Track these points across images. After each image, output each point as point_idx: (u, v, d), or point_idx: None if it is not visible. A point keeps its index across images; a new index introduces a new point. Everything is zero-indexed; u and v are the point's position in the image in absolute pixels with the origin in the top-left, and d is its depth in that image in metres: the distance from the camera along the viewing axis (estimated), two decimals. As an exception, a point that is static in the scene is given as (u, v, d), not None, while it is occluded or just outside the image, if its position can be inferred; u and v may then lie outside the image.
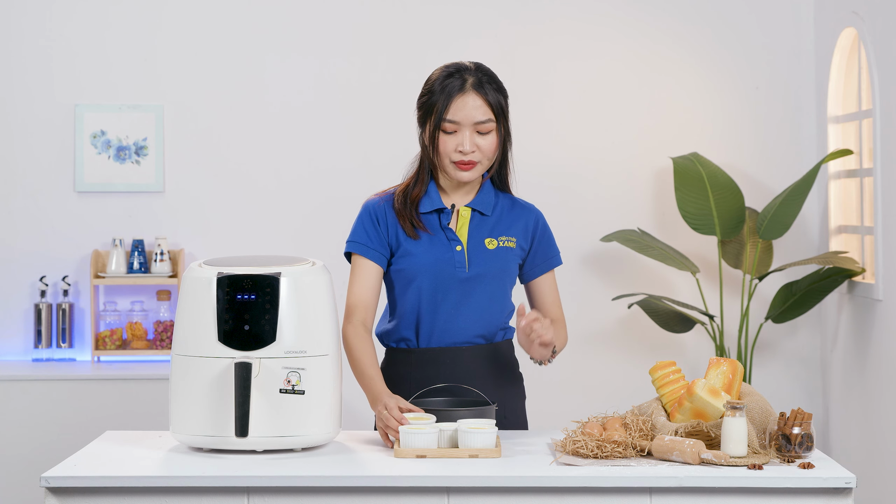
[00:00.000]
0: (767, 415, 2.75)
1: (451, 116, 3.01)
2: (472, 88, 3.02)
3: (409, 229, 3.06)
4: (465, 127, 3.01)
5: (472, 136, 3.02)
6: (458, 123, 3.01)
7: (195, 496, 2.58)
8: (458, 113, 3.01)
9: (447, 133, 3.02)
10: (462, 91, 3.01)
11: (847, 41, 5.06)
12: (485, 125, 3.02)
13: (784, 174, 5.30)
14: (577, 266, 5.30)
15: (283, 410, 2.72)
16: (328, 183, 5.29)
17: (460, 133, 3.02)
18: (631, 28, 5.34)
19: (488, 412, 2.87)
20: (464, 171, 3.03)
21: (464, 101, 3.01)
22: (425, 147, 3.07)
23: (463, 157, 3.02)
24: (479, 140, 3.02)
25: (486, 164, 3.06)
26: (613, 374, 5.30)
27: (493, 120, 3.03)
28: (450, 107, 3.01)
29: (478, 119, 3.01)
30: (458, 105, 3.01)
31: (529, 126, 5.29)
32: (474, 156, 3.02)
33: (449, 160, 3.03)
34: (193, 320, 2.75)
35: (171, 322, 5.22)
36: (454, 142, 3.02)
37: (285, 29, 5.30)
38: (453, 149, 3.02)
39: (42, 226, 5.27)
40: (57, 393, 4.89)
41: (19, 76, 5.26)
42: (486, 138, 3.03)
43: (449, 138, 3.02)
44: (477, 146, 3.02)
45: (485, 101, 3.02)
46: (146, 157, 5.28)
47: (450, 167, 3.04)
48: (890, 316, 4.58)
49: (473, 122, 3.01)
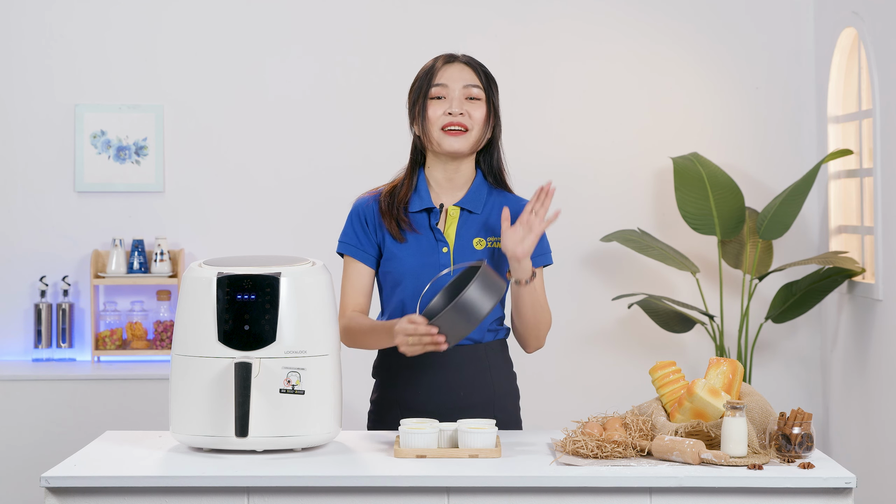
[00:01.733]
0: (767, 415, 2.75)
1: (439, 80, 3.01)
2: (462, 62, 3.04)
3: (394, 231, 3.05)
4: (454, 90, 3.01)
5: (462, 101, 3.01)
6: (445, 87, 3.01)
7: (195, 496, 2.58)
8: (446, 76, 3.01)
9: (435, 99, 3.01)
10: (450, 62, 3.04)
11: (847, 41, 5.06)
12: (473, 90, 3.01)
13: (784, 174, 5.30)
14: (577, 266, 5.30)
15: (283, 410, 2.72)
16: (328, 182, 5.29)
17: (449, 98, 3.01)
18: (631, 28, 5.34)
19: (488, 270, 2.82)
20: (454, 138, 3.00)
21: (452, 67, 3.03)
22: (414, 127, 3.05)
23: (452, 120, 2.99)
24: (468, 106, 3.01)
25: (476, 136, 3.02)
26: (613, 374, 5.30)
27: (482, 89, 3.02)
28: (437, 74, 3.02)
29: (467, 82, 3.01)
30: (447, 71, 3.02)
31: (529, 126, 5.29)
32: (463, 119, 3.00)
33: (438, 128, 3.01)
34: (193, 320, 2.75)
35: (171, 322, 5.22)
36: (442, 107, 3.01)
37: (285, 29, 5.30)
38: (442, 113, 3.00)
39: (42, 226, 5.27)
40: (57, 393, 4.89)
41: (19, 76, 5.26)
42: (475, 106, 3.02)
43: (437, 104, 3.01)
44: (467, 112, 3.00)
45: (474, 72, 3.03)
46: (146, 157, 5.28)
47: (439, 136, 3.01)
48: (890, 316, 4.58)
49: (462, 84, 3.01)
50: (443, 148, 3.02)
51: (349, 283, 3.09)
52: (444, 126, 3.00)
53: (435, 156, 3.07)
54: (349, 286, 3.08)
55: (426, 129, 3.02)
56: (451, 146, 3.01)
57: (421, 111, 3.02)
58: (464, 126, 3.00)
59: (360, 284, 3.08)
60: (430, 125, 3.01)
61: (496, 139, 3.10)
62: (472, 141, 3.02)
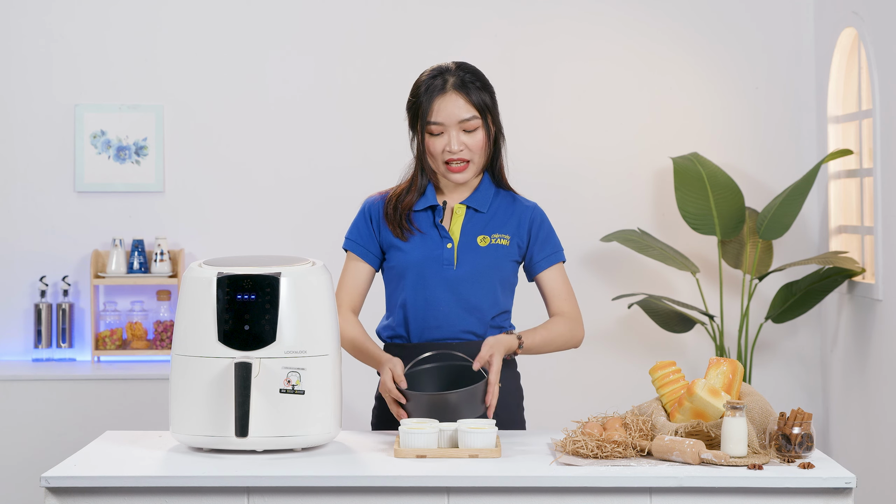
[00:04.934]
0: (767, 415, 2.75)
1: (435, 118, 3.05)
2: (454, 89, 3.05)
3: (398, 234, 3.10)
4: (451, 127, 3.04)
5: (459, 134, 3.04)
6: (442, 125, 3.05)
7: (195, 496, 2.58)
8: (441, 114, 3.04)
9: (434, 135, 3.06)
10: (443, 92, 3.05)
11: (847, 41, 5.06)
12: (469, 123, 3.04)
13: (784, 174, 5.30)
14: (577, 266, 5.30)
15: (283, 410, 2.72)
16: (328, 182, 5.30)
17: (446, 133, 3.05)
18: (631, 28, 5.34)
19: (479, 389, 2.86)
20: (456, 174, 3.07)
21: (445, 101, 3.04)
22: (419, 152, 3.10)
23: (452, 157, 3.04)
24: (465, 139, 3.05)
25: (479, 162, 3.08)
26: (613, 374, 5.30)
27: (478, 117, 3.05)
28: (432, 109, 3.05)
29: (461, 117, 3.04)
30: (440, 106, 3.04)
31: (529, 126, 5.29)
32: (464, 154, 3.05)
33: (441, 162, 3.06)
34: (193, 320, 2.75)
35: (171, 322, 5.22)
36: (442, 143, 3.06)
37: (285, 29, 5.30)
38: (441, 150, 3.05)
39: (42, 226, 5.27)
40: (57, 393, 4.89)
41: (19, 76, 5.26)
42: (472, 136, 3.05)
43: (437, 140, 3.06)
44: (465, 145, 3.05)
45: (467, 100, 3.05)
46: (146, 157, 5.28)
47: (444, 170, 3.07)
48: (890, 316, 4.58)
49: (457, 120, 3.04)
50: (448, 180, 3.09)
51: (348, 279, 3.15)
52: (446, 161, 3.06)
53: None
54: (347, 283, 3.14)
55: (430, 162, 3.09)
56: (456, 180, 3.09)
57: (421, 143, 3.08)
58: (465, 160, 3.06)
59: (357, 282, 3.14)
60: (434, 160, 3.08)
61: (497, 142, 3.13)
62: (476, 169, 3.10)
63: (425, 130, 3.06)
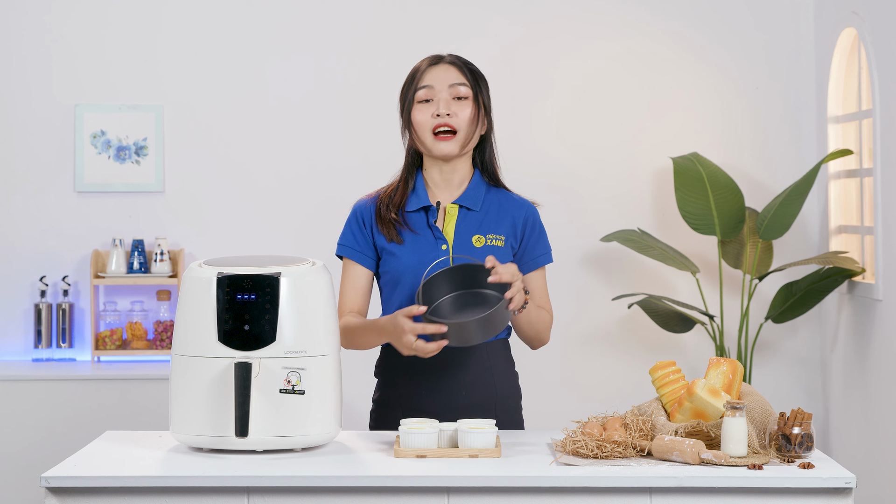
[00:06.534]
0: (767, 415, 2.75)
1: (424, 82, 3.02)
2: (447, 62, 3.05)
3: (392, 234, 3.06)
4: (440, 91, 3.02)
5: (449, 102, 3.02)
6: (431, 88, 3.02)
7: (195, 496, 2.58)
8: (431, 77, 3.03)
9: (422, 102, 3.02)
10: (435, 63, 3.05)
11: (847, 41, 5.06)
12: (461, 89, 3.02)
13: (784, 174, 5.30)
14: (577, 266, 5.30)
15: (283, 410, 2.72)
16: (328, 182, 5.30)
17: (435, 100, 3.02)
18: (631, 28, 5.34)
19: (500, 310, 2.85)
20: (443, 142, 3.01)
21: (437, 69, 3.04)
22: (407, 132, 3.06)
23: (439, 121, 3.00)
24: (455, 107, 3.02)
25: (465, 137, 3.03)
26: (613, 374, 5.30)
27: (468, 86, 3.03)
28: (422, 75, 3.04)
29: (452, 81, 3.02)
30: (431, 72, 3.04)
31: (529, 126, 5.29)
32: (451, 120, 3.01)
33: (428, 132, 3.02)
34: (193, 320, 2.75)
35: (171, 322, 5.23)
36: (430, 110, 3.02)
37: (285, 29, 5.30)
38: (430, 116, 3.01)
39: (42, 226, 5.27)
40: (57, 393, 4.89)
41: (19, 76, 5.27)
42: (462, 106, 3.02)
43: (425, 108, 3.03)
44: (454, 113, 3.01)
45: (460, 72, 3.04)
46: (146, 157, 5.28)
47: (429, 140, 3.02)
48: (890, 316, 4.58)
49: (448, 83, 3.02)
50: (433, 152, 3.04)
51: (347, 285, 3.10)
52: (434, 129, 3.02)
53: (430, 157, 3.08)
54: (347, 288, 3.10)
55: (417, 135, 3.05)
56: (440, 150, 3.03)
57: (409, 115, 3.04)
58: (452, 128, 3.02)
59: (357, 287, 3.10)
60: (421, 130, 3.03)
61: (488, 136, 3.11)
62: (461, 142, 3.04)
63: (415, 100, 3.02)
